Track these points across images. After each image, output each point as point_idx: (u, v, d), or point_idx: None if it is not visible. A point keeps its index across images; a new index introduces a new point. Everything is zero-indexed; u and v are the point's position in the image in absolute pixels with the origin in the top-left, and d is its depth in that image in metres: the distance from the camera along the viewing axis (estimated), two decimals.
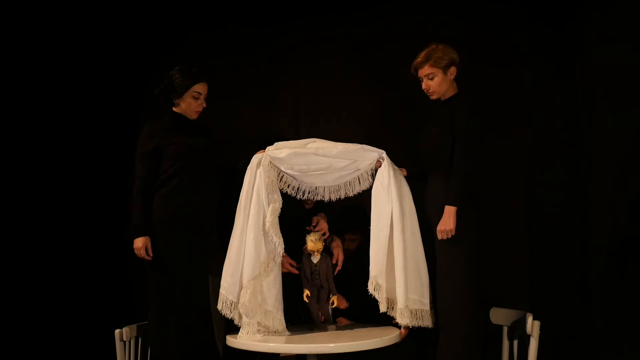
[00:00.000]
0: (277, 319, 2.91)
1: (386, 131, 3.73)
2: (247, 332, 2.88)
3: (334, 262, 3.13)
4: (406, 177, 3.07)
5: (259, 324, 2.89)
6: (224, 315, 2.92)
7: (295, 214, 3.19)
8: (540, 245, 3.66)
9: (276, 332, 2.91)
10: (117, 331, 2.94)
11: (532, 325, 2.80)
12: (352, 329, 3.04)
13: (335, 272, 3.11)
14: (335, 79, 3.88)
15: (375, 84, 3.85)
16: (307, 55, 3.90)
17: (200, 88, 3.17)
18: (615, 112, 3.50)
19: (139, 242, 3.02)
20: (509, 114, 3.72)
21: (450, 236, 2.89)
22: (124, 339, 2.94)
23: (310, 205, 3.36)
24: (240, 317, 2.91)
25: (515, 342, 2.96)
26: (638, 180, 3.40)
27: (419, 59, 3.04)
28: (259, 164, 2.98)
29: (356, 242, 3.53)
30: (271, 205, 2.93)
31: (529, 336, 2.82)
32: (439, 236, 2.92)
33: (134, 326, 3.02)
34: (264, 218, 2.92)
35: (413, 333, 3.05)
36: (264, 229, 2.91)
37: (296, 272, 3.10)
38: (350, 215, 3.54)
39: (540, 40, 3.72)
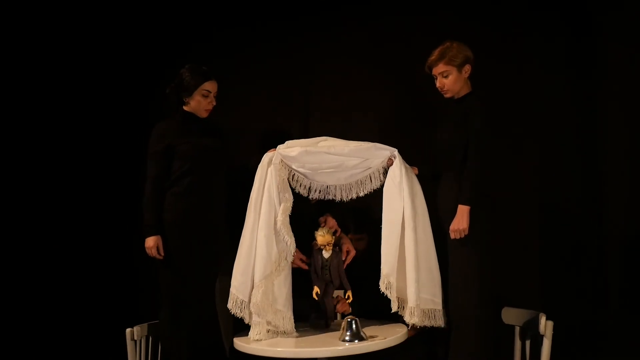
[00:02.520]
0: (287, 319, 2.88)
1: (398, 130, 3.71)
2: (258, 332, 2.85)
3: (343, 257, 3.10)
4: (417, 176, 3.03)
5: (268, 323, 2.87)
6: (232, 315, 2.89)
7: (302, 210, 3.16)
8: (551, 245, 3.63)
9: (284, 333, 2.88)
10: (128, 330, 2.93)
11: (545, 326, 2.78)
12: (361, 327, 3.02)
13: (344, 266, 3.07)
14: (347, 77, 3.86)
15: (387, 82, 3.83)
16: (318, 53, 3.87)
17: (210, 86, 3.16)
18: (630, 110, 3.47)
19: (151, 242, 3.02)
20: (522, 113, 3.69)
21: (463, 235, 2.88)
22: (135, 338, 2.93)
23: (315, 200, 3.33)
24: (250, 316, 2.88)
25: (528, 342, 2.94)
26: None
27: (433, 57, 3.02)
28: (270, 162, 2.95)
29: (363, 241, 3.51)
30: (282, 204, 2.90)
31: (541, 336, 2.80)
32: (452, 235, 2.91)
33: (145, 325, 3.01)
34: (275, 217, 2.89)
35: (423, 333, 3.03)
36: (275, 228, 2.88)
37: (306, 267, 3.06)
38: (357, 214, 3.52)
39: (552, 38, 3.69)
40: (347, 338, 2.69)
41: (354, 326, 2.71)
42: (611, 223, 3.52)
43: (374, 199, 3.03)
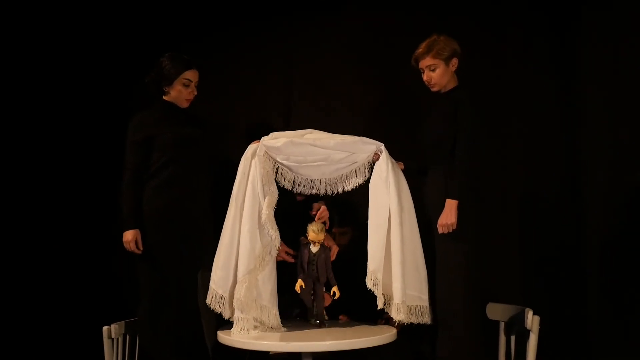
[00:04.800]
0: (273, 314, 2.82)
1: (382, 125, 3.67)
2: (241, 329, 2.78)
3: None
4: (403, 171, 3.00)
5: (254, 319, 2.80)
6: (213, 311, 2.82)
7: (287, 204, 3.11)
8: (532, 240, 3.65)
9: (271, 328, 2.82)
10: (105, 328, 2.82)
11: (532, 321, 2.78)
12: (348, 326, 2.97)
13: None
14: (331, 70, 3.82)
15: (371, 76, 3.80)
16: (302, 46, 3.84)
17: (191, 75, 3.09)
18: (609, 107, 3.52)
19: (129, 235, 2.93)
20: (503, 110, 3.70)
21: (451, 230, 2.85)
22: (113, 336, 2.83)
23: (302, 198, 3.29)
24: (230, 312, 2.81)
25: (513, 338, 2.94)
26: (631, 175, 3.42)
27: (420, 50, 2.99)
28: (253, 154, 2.88)
29: (347, 235, 3.47)
30: (267, 198, 2.83)
31: (527, 331, 2.80)
32: (440, 230, 2.88)
33: (123, 323, 2.90)
34: (260, 210, 2.82)
35: (408, 330, 3.00)
36: (259, 222, 2.81)
37: (292, 260, 3.00)
38: (341, 207, 3.47)
39: (536, 36, 3.71)
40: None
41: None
42: (591, 218, 3.55)
43: (359, 193, 2.98)
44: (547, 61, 3.69)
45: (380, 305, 2.83)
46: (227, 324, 2.85)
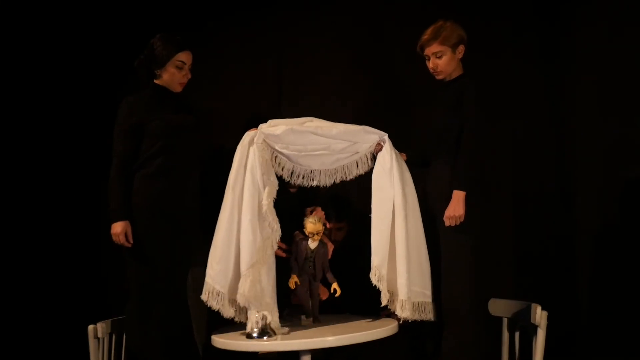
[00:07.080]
0: (275, 313, 2.67)
1: (375, 116, 3.54)
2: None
3: None
4: (406, 162, 2.90)
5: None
6: (206, 309, 2.67)
7: (279, 196, 2.98)
8: (524, 236, 3.60)
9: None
10: (90, 327, 2.68)
11: (541, 316, 2.71)
12: (347, 321, 2.84)
13: None
14: (323, 59, 3.73)
15: (364, 66, 3.71)
16: (294, 35, 3.75)
17: (184, 57, 2.94)
18: (600, 100, 3.49)
19: (118, 227, 2.76)
20: (495, 103, 3.61)
21: (459, 222, 2.77)
22: (99, 335, 2.68)
23: (295, 190, 3.16)
24: (232, 310, 2.66)
25: (517, 334, 2.88)
26: (623, 168, 3.40)
27: (427, 36, 2.90)
28: (251, 142, 2.74)
29: (343, 230, 3.38)
30: (267, 188, 2.69)
31: (534, 327, 2.73)
32: (447, 222, 2.80)
33: (109, 321, 2.77)
34: (260, 201, 2.68)
35: (408, 326, 2.90)
36: (259, 213, 2.67)
37: (284, 255, 2.87)
38: (337, 202, 3.38)
39: (526, 28, 3.67)
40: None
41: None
42: (583, 212, 3.52)
43: (356, 187, 2.93)
44: (537, 52, 3.65)
45: (384, 302, 2.73)
46: (219, 325, 2.73)
